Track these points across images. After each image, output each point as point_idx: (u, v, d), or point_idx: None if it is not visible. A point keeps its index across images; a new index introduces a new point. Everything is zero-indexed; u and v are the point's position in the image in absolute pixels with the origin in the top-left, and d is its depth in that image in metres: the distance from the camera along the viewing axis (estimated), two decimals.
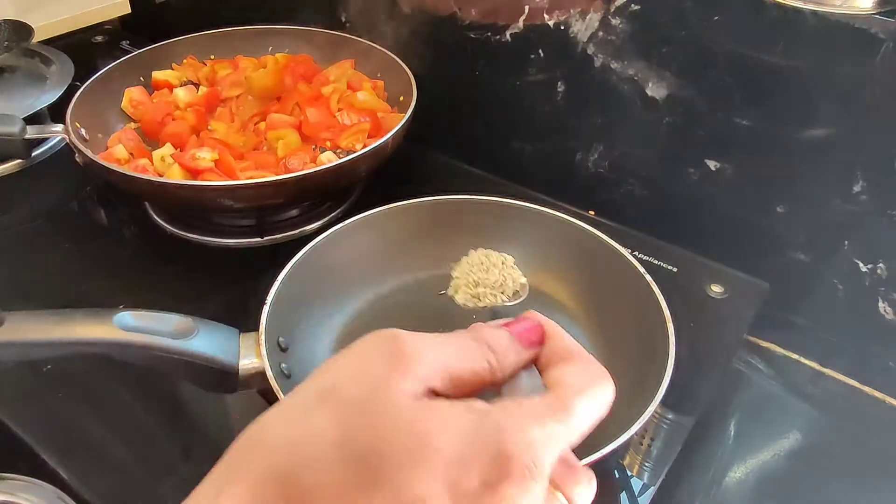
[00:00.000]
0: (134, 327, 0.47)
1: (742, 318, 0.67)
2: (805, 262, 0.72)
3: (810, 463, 0.58)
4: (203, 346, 0.48)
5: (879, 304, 0.68)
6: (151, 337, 0.47)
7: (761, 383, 0.66)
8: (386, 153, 0.74)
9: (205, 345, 0.48)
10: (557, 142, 0.84)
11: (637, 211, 0.80)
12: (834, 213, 0.68)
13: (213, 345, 0.49)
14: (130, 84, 0.88)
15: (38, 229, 0.81)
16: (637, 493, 0.54)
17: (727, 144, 0.72)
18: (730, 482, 0.56)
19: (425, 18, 0.87)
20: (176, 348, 0.47)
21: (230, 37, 0.95)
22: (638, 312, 0.56)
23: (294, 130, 0.80)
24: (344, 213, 0.79)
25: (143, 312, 0.48)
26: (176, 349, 0.47)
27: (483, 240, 0.65)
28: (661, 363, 0.50)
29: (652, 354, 0.51)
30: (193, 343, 0.48)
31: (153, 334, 0.47)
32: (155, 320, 0.48)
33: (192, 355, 0.48)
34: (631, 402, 0.49)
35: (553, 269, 0.64)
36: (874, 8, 0.60)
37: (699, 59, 0.69)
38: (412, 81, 0.81)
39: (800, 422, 0.62)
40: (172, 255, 0.76)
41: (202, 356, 0.48)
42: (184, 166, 0.74)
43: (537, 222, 0.64)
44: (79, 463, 0.54)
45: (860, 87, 0.62)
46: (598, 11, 0.73)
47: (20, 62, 0.98)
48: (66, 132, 0.75)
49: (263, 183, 0.67)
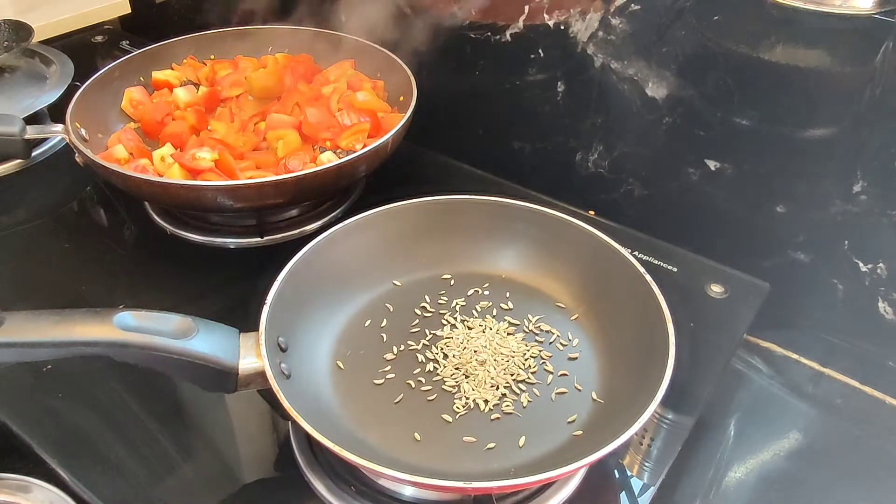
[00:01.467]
0: (134, 327, 0.47)
1: (742, 318, 0.67)
2: (805, 262, 0.72)
3: (810, 463, 0.58)
4: (203, 346, 0.48)
5: (879, 304, 0.68)
6: (151, 337, 0.47)
7: (761, 383, 0.66)
8: (386, 153, 0.74)
9: (204, 345, 0.48)
10: (557, 142, 0.84)
11: (637, 211, 0.80)
12: (834, 213, 0.68)
13: (213, 345, 0.49)
14: (130, 84, 0.88)
15: (38, 229, 0.81)
16: (637, 493, 0.54)
17: (727, 144, 0.72)
18: (730, 482, 0.56)
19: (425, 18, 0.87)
20: (176, 348, 0.47)
21: (230, 37, 0.95)
22: (638, 313, 0.56)
23: (294, 130, 0.80)
24: (344, 213, 0.79)
25: (143, 312, 0.48)
26: (176, 349, 0.47)
27: (483, 240, 0.66)
28: (661, 363, 0.50)
29: (652, 354, 0.51)
30: (193, 343, 0.48)
31: (153, 334, 0.47)
32: (155, 320, 0.48)
33: (192, 355, 0.48)
34: (631, 402, 0.49)
35: (553, 269, 0.64)
36: (874, 8, 0.60)
37: (699, 59, 0.69)
38: (412, 81, 0.81)
39: (800, 422, 0.62)
40: (172, 255, 0.76)
41: (202, 356, 0.48)
42: (184, 166, 0.74)
43: (537, 222, 0.64)
44: (79, 463, 0.54)
45: (860, 87, 0.62)
46: (598, 11, 0.73)
47: (20, 62, 0.97)
48: (66, 132, 0.75)
49: (263, 183, 0.67)
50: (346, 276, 0.62)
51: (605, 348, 0.58)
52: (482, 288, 0.64)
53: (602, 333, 0.59)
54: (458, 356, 0.58)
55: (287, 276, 0.56)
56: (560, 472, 0.44)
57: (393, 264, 0.65)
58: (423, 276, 0.65)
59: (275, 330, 0.53)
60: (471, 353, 0.58)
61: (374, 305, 0.63)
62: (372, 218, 0.64)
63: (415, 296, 0.64)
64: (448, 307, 0.63)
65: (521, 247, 0.65)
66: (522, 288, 0.64)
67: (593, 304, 0.61)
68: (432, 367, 0.57)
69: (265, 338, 0.50)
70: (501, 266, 0.65)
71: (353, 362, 0.58)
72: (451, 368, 0.57)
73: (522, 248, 0.65)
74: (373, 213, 0.64)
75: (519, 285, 0.64)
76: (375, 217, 0.64)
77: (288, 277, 0.56)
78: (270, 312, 0.53)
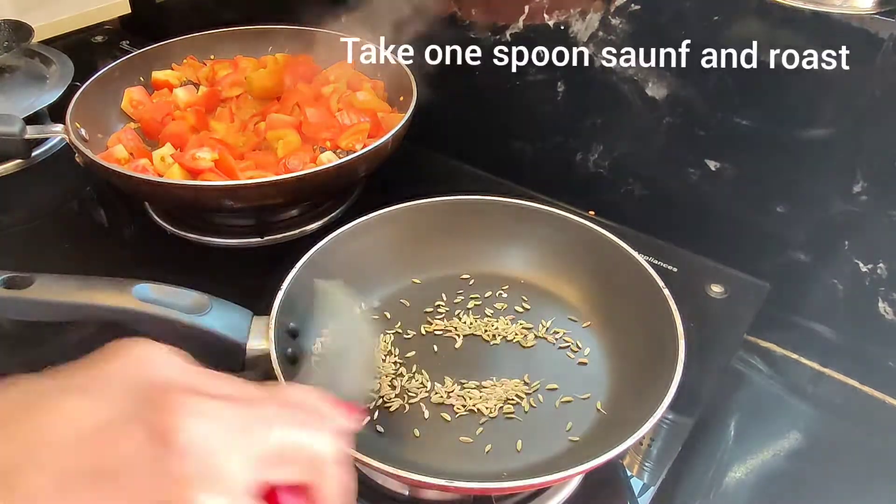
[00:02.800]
0: (151, 299, 0.49)
1: (742, 318, 0.67)
2: (805, 262, 0.72)
3: (810, 463, 0.58)
4: (214, 322, 0.50)
5: (879, 304, 0.68)
6: (166, 310, 0.49)
7: (761, 383, 0.66)
8: (386, 153, 0.74)
9: (216, 322, 0.50)
10: (557, 142, 0.84)
11: (637, 211, 0.80)
12: (834, 213, 0.68)
13: (224, 322, 0.51)
14: (130, 84, 0.88)
15: (38, 229, 0.81)
16: (637, 493, 0.54)
17: (727, 144, 0.72)
18: (730, 482, 0.56)
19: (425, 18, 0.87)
20: (187, 322, 0.49)
21: (230, 37, 0.95)
22: (646, 315, 0.55)
23: (294, 130, 0.80)
24: (344, 213, 0.79)
25: (161, 286, 0.51)
26: (187, 322, 0.49)
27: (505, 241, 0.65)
28: (669, 365, 0.49)
29: (660, 357, 0.51)
30: (205, 319, 0.50)
31: (167, 307, 0.49)
32: (172, 294, 0.50)
33: (202, 330, 0.49)
34: (639, 403, 0.49)
35: (560, 270, 0.64)
36: (874, 8, 0.60)
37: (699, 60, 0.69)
38: (412, 81, 0.81)
39: (800, 422, 0.62)
40: (172, 255, 0.76)
41: (211, 332, 0.50)
42: (184, 166, 0.74)
43: (544, 223, 0.64)
44: None
45: (860, 87, 0.62)
46: (598, 11, 0.73)
47: (20, 62, 0.97)
48: (66, 132, 0.75)
49: (263, 183, 0.67)
50: (364, 269, 0.62)
51: (613, 349, 0.58)
52: (502, 289, 0.64)
53: (610, 335, 0.59)
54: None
55: (305, 264, 0.57)
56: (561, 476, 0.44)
57: (413, 261, 0.65)
58: (443, 274, 0.65)
59: (286, 316, 0.53)
60: None
61: (390, 301, 0.63)
62: (395, 213, 0.64)
63: (432, 294, 0.64)
64: (463, 307, 0.62)
65: (528, 247, 0.65)
66: (539, 291, 0.63)
67: (601, 305, 0.61)
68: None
69: (275, 321, 0.51)
70: (520, 268, 0.65)
71: None
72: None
73: (529, 249, 0.65)
74: (396, 208, 0.64)
75: (536, 288, 0.64)
76: (398, 212, 0.64)
77: (306, 265, 0.57)
78: (284, 298, 0.54)
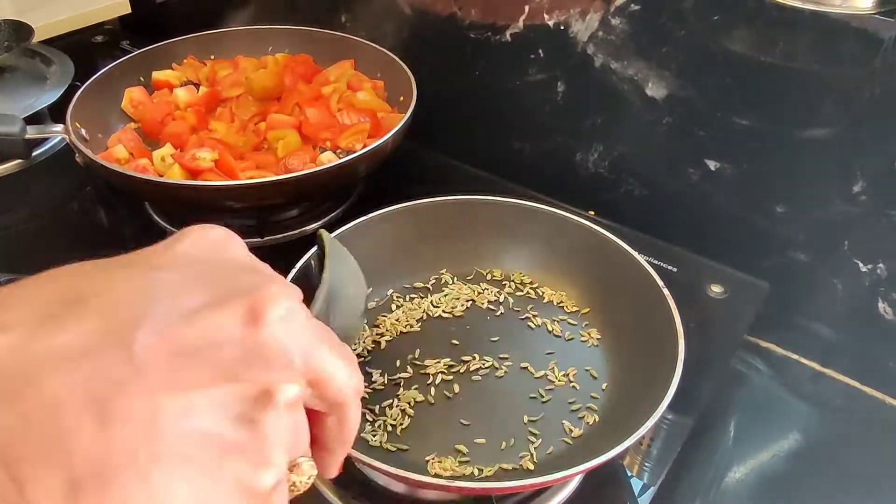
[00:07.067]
0: None
1: (742, 318, 0.67)
2: (805, 262, 0.71)
3: (810, 463, 0.58)
4: None
5: (879, 304, 0.68)
6: None
7: (761, 383, 0.66)
8: (386, 153, 0.74)
9: None
10: (557, 142, 0.84)
11: (637, 211, 0.80)
12: (834, 213, 0.68)
13: None
14: (130, 84, 0.88)
15: (38, 229, 0.81)
16: (637, 494, 0.54)
17: (727, 144, 0.72)
18: (730, 482, 0.56)
19: (425, 18, 0.87)
20: None
21: (230, 37, 0.95)
22: (646, 315, 0.55)
23: (294, 130, 0.80)
24: (344, 213, 0.79)
25: None
26: None
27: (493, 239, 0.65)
28: (669, 366, 0.49)
29: (660, 357, 0.51)
30: None
31: None
32: None
33: None
34: (639, 403, 0.49)
35: (560, 270, 0.64)
36: (874, 8, 0.60)
37: (699, 59, 0.69)
38: (412, 81, 0.81)
39: (800, 422, 0.62)
40: None
41: None
42: (184, 166, 0.74)
43: (544, 223, 0.64)
44: None
45: (860, 87, 0.62)
46: (598, 11, 0.73)
47: (20, 62, 0.97)
48: (66, 132, 0.75)
49: (263, 183, 0.67)
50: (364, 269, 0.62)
51: (613, 349, 0.58)
52: (501, 289, 0.64)
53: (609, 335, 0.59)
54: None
55: (305, 264, 0.56)
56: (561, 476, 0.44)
57: (413, 261, 0.65)
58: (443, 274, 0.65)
59: None
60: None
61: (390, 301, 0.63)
62: (395, 213, 0.64)
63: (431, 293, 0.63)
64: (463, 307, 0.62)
65: (528, 247, 0.65)
66: (538, 291, 0.63)
67: (601, 305, 0.61)
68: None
69: None
70: (520, 268, 0.65)
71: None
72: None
73: (529, 249, 0.65)
74: (396, 208, 0.64)
75: (534, 289, 0.64)
76: (398, 212, 0.64)
77: (306, 265, 0.56)
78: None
